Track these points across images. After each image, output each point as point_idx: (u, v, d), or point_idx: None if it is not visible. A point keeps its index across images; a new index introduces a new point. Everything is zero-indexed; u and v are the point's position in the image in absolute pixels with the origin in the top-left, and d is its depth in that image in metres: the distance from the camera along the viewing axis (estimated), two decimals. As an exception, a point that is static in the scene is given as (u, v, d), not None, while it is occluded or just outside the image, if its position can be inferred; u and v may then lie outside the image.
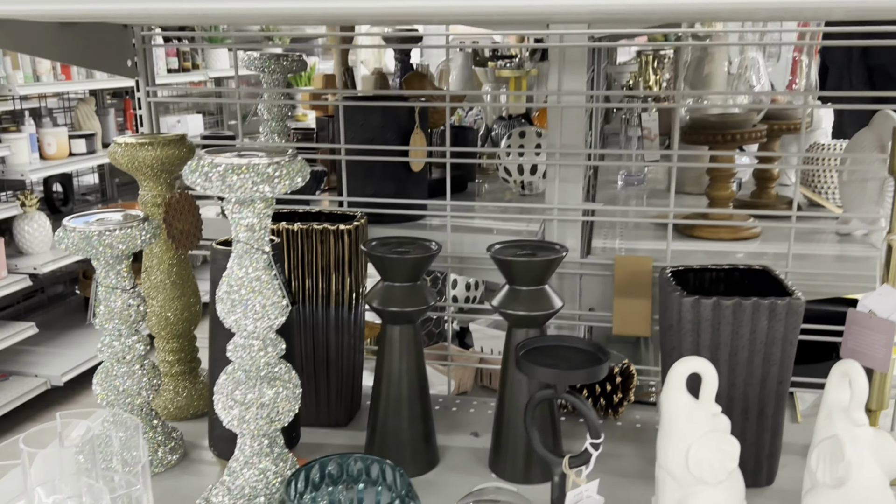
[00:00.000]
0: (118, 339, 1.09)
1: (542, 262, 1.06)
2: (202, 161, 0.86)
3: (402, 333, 1.11)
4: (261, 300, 0.91)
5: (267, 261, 0.92)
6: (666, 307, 1.08)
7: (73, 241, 1.03)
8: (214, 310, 1.10)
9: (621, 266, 1.28)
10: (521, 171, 1.65)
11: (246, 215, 0.89)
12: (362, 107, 1.40)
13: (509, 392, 1.11)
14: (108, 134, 4.05)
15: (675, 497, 0.94)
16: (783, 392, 1.06)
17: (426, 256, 1.08)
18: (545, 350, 0.93)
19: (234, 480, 0.96)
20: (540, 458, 1.11)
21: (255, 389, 0.93)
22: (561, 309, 1.08)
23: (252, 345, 0.93)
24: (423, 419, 1.14)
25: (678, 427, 0.93)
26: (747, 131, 1.40)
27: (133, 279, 1.10)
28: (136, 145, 1.21)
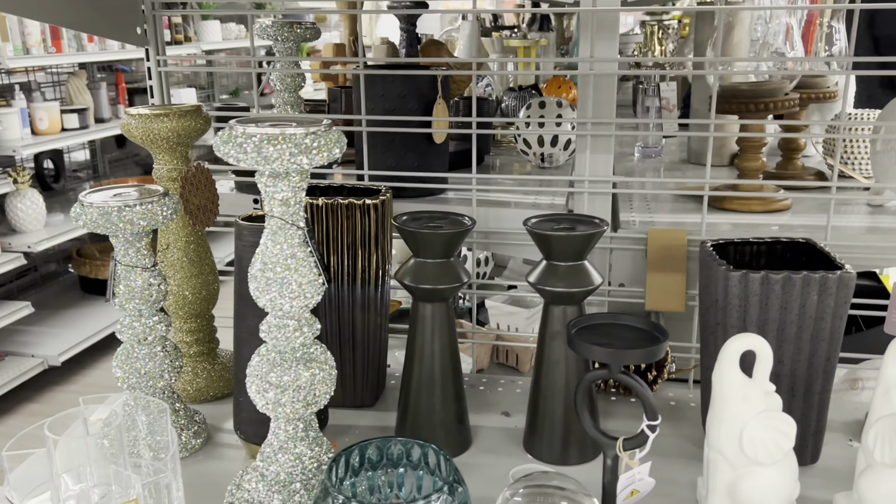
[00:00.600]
0: (138, 320, 1.05)
1: (582, 237, 1.01)
2: (235, 131, 0.81)
3: (435, 311, 1.07)
4: (297, 278, 0.86)
5: (302, 237, 0.87)
6: (709, 282, 1.04)
7: (91, 218, 0.98)
8: (240, 288, 1.06)
9: (655, 240, 1.24)
10: (542, 142, 1.60)
11: (280, 189, 0.85)
12: (383, 76, 1.34)
13: (546, 372, 1.08)
14: (100, 109, 3.96)
15: (727, 478, 0.91)
16: (831, 368, 1.03)
17: (461, 231, 1.04)
18: (597, 328, 0.89)
19: (268, 466, 0.92)
20: (577, 439, 1.08)
21: (290, 371, 0.88)
22: (600, 286, 1.04)
23: (287, 325, 0.89)
24: (456, 399, 1.10)
25: (732, 406, 0.89)
26: (780, 100, 1.36)
27: (153, 257, 1.05)
28: (151, 116, 1.15)
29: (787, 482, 0.90)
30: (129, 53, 4.08)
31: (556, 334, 1.06)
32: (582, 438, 1.08)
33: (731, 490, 0.91)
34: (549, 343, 1.07)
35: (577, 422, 1.07)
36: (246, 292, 1.04)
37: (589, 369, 1.08)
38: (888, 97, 1.42)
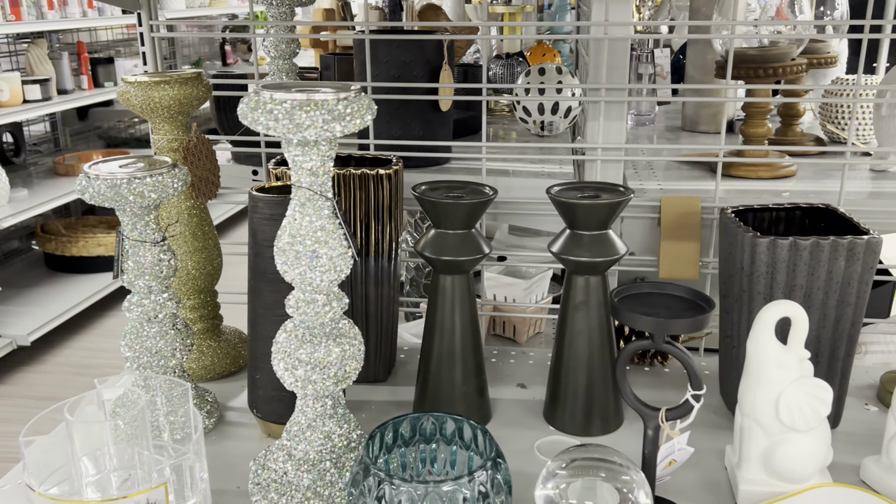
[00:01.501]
0: (148, 297, 1.00)
1: (608, 205, 0.99)
2: (262, 97, 0.77)
3: (456, 283, 1.05)
4: (327, 251, 0.83)
5: (331, 208, 0.84)
6: (733, 249, 1.03)
7: (98, 190, 0.93)
8: (255, 262, 1.02)
9: (668, 207, 1.23)
10: (542, 110, 1.57)
11: (310, 158, 0.81)
12: (386, 41, 1.30)
13: (569, 343, 1.06)
14: (62, 80, 3.83)
15: (762, 446, 0.91)
16: (855, 333, 1.03)
17: (483, 202, 1.01)
18: (640, 298, 0.87)
19: (296, 445, 0.90)
20: (600, 411, 1.07)
21: (321, 348, 0.85)
22: (625, 255, 1.02)
23: (316, 300, 0.85)
24: (477, 372, 1.08)
25: (768, 374, 0.89)
26: (788, 65, 1.34)
27: (162, 231, 1.01)
28: (151, 84, 1.10)
29: (821, 448, 0.90)
30: (91, 21, 3.94)
31: (580, 305, 1.04)
32: (605, 409, 1.07)
33: (766, 457, 0.90)
34: (571, 314, 1.05)
35: (600, 393, 1.06)
36: (262, 266, 1.00)
37: (612, 339, 1.07)
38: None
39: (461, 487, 0.76)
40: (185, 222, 1.18)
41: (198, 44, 6.35)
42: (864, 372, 1.25)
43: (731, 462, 0.97)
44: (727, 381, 1.11)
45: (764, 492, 0.90)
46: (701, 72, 1.76)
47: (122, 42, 5.34)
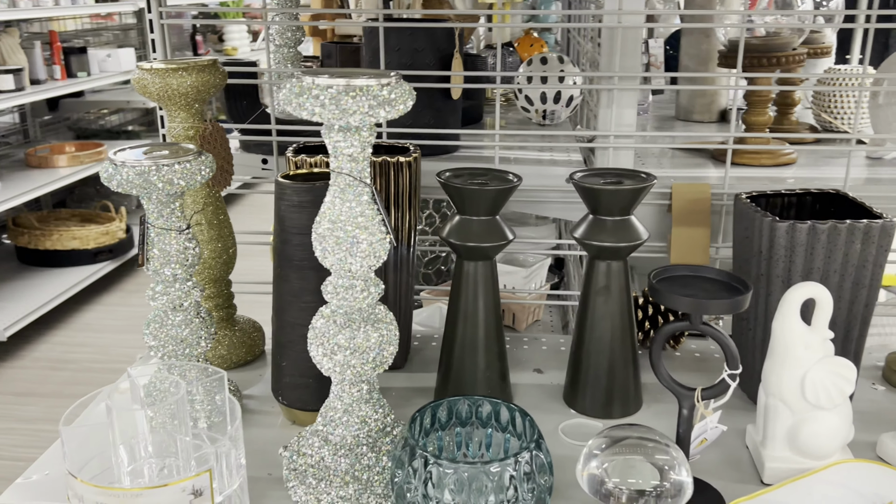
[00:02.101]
0: (173, 285, 1.00)
1: (631, 191, 1.01)
2: (306, 83, 0.77)
3: (479, 270, 1.06)
4: (367, 237, 0.83)
5: (370, 194, 0.84)
6: (750, 233, 1.05)
7: (126, 178, 0.92)
8: (283, 249, 1.02)
9: (679, 194, 1.25)
10: (544, 99, 1.59)
11: (351, 143, 0.81)
12: (398, 28, 1.30)
13: (590, 327, 1.08)
14: (35, 70, 3.75)
15: (788, 424, 0.93)
16: (868, 315, 1.06)
17: (508, 188, 1.02)
18: (676, 280, 0.89)
19: (333, 430, 0.90)
20: (620, 394, 1.08)
21: (360, 333, 0.86)
22: (647, 240, 1.04)
23: (355, 285, 0.86)
24: (499, 357, 1.10)
25: (794, 354, 0.91)
26: (789, 54, 1.37)
27: (187, 219, 1.00)
28: (169, 71, 1.09)
29: (844, 426, 0.92)
30: (62, 10, 3.87)
31: (602, 290, 1.06)
32: (625, 392, 1.09)
33: (791, 435, 0.93)
34: (593, 298, 1.07)
35: (621, 376, 1.08)
36: (289, 254, 1.01)
37: (633, 324, 1.09)
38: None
39: (507, 468, 0.77)
40: (200, 211, 1.17)
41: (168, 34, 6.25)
42: (866, 353, 1.29)
43: (753, 441, 0.99)
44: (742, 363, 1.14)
45: (789, 468, 0.93)
46: (696, 62, 1.79)
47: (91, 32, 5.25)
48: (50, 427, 2.93)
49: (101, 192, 4.80)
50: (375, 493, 0.88)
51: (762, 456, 0.95)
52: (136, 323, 3.80)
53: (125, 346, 3.58)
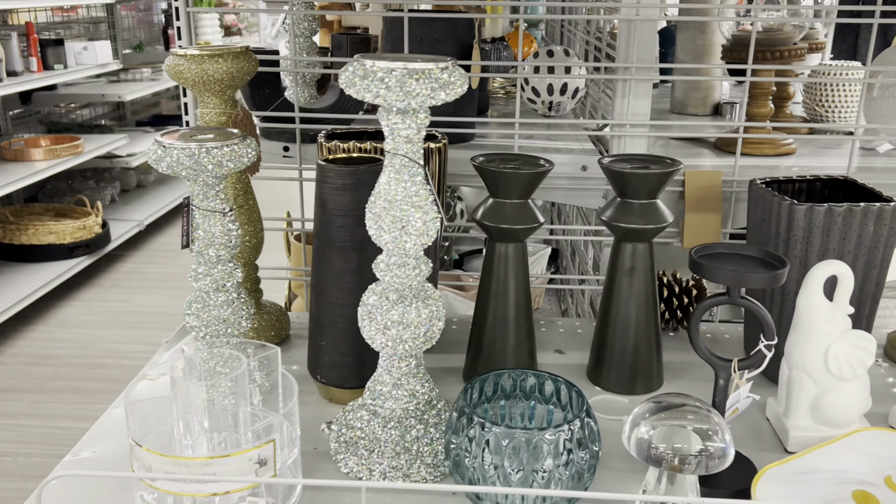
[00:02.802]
0: (216, 266, 1.02)
1: (659, 175, 1.06)
2: (368, 66, 0.80)
3: (510, 251, 1.10)
4: (421, 216, 0.86)
5: (424, 175, 0.87)
6: (767, 217, 1.11)
7: (176, 159, 0.94)
8: (324, 231, 1.05)
9: (692, 181, 1.30)
10: (551, 91, 1.63)
11: (408, 125, 0.84)
12: (419, 19, 1.33)
13: (616, 307, 1.12)
14: (11, 61, 3.70)
15: (811, 395, 0.98)
16: (878, 294, 1.12)
17: (541, 172, 1.06)
18: (716, 257, 0.93)
19: (382, 403, 0.93)
20: (644, 371, 1.13)
21: (412, 309, 0.89)
22: (671, 224, 1.09)
23: (407, 263, 0.89)
24: (528, 337, 1.14)
25: (818, 328, 0.96)
26: (789, 48, 1.43)
27: (230, 202, 1.02)
28: (206, 57, 1.11)
29: (864, 396, 0.98)
30: (38, 1, 3.82)
31: (629, 271, 1.10)
32: (648, 370, 1.13)
33: (814, 406, 0.98)
34: (620, 279, 1.11)
35: (645, 354, 1.13)
36: (332, 235, 1.03)
37: (656, 304, 1.13)
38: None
39: (562, 434, 0.81)
40: (230, 196, 1.19)
41: (136, 27, 6.20)
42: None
43: (775, 412, 1.04)
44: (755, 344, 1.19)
45: (812, 437, 0.98)
46: (691, 56, 1.85)
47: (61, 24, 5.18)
48: (34, 422, 2.91)
49: (74, 186, 4.75)
50: (426, 462, 0.91)
51: (786, 426, 1.00)
52: (115, 318, 3.77)
53: (105, 341, 3.55)
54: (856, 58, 3.13)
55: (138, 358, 3.38)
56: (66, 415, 2.98)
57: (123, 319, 3.79)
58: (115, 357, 3.42)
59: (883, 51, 1.50)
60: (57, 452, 2.73)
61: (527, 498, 0.81)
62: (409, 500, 0.89)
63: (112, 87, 4.79)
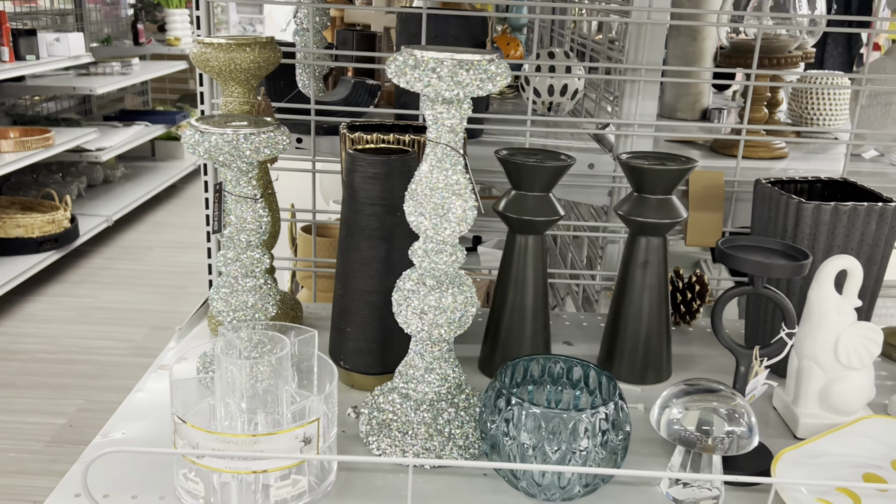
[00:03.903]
0: (245, 252, 1.03)
1: (676, 171, 1.10)
2: (421, 56, 0.83)
3: (530, 243, 1.13)
4: (461, 204, 0.89)
5: (464, 163, 0.90)
6: (774, 215, 1.16)
7: (214, 144, 0.95)
8: (353, 219, 1.06)
9: (696, 180, 1.35)
10: (551, 91, 1.67)
11: (452, 115, 0.87)
12: (435, 16, 1.36)
13: (629, 299, 1.16)
14: (-18, 51, 3.63)
15: (820, 384, 1.03)
16: (877, 290, 1.17)
17: (563, 166, 1.09)
18: (740, 249, 0.98)
19: (415, 386, 0.95)
20: (654, 362, 1.17)
21: (448, 294, 0.92)
22: (686, 219, 1.13)
23: (444, 249, 0.91)
24: (545, 327, 1.17)
25: (828, 319, 1.01)
26: (785, 56, 1.49)
27: (261, 188, 1.04)
28: (234, 46, 1.12)
29: (870, 385, 1.03)
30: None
31: (643, 264, 1.14)
32: (658, 361, 1.17)
33: (822, 394, 1.03)
34: (633, 272, 1.15)
35: (655, 345, 1.17)
36: (361, 224, 1.05)
37: (668, 297, 1.17)
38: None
39: (598, 416, 0.84)
40: (252, 184, 1.21)
41: (103, 21, 6.11)
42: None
43: (783, 401, 1.09)
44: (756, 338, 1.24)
45: (820, 423, 1.03)
46: (682, 63, 1.90)
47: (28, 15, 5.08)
48: (4, 417, 2.86)
49: (40, 180, 4.67)
50: (457, 444, 0.94)
51: (795, 413, 1.05)
52: (84, 314, 3.72)
53: (75, 336, 3.50)
54: (822, 68, 3.24)
55: (110, 354, 3.34)
56: (37, 410, 2.93)
57: (93, 315, 3.74)
58: (86, 353, 3.37)
59: (871, 61, 1.57)
60: (29, 448, 2.69)
61: (562, 478, 0.84)
62: (442, 481, 0.92)
63: (83, 80, 4.72)
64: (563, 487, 0.85)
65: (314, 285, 1.48)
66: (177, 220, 5.23)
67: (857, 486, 0.87)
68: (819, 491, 0.88)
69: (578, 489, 0.85)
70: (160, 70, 5.59)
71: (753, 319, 1.25)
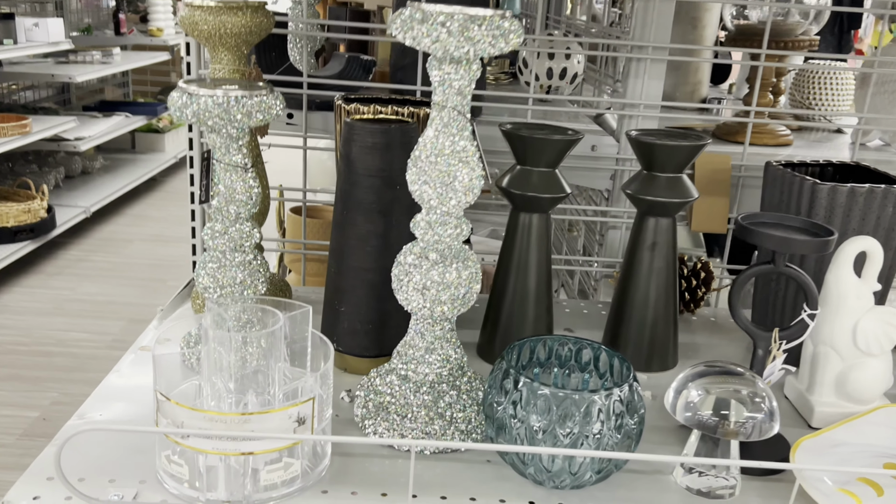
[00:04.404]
0: (234, 225, 0.97)
1: (689, 148, 1.05)
2: (430, 10, 0.77)
3: (535, 222, 1.07)
4: (468, 172, 0.84)
5: (471, 129, 0.85)
6: (787, 197, 1.11)
7: (204, 107, 0.89)
8: (350, 191, 1.01)
9: (702, 164, 1.30)
10: (550, 75, 1.62)
11: (461, 76, 0.81)
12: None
13: (636, 284, 1.11)
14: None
15: (837, 371, 0.99)
16: (892, 276, 1.13)
17: (572, 140, 1.04)
18: (762, 226, 0.93)
19: (415, 367, 0.90)
20: (660, 349, 1.12)
21: (452, 269, 0.86)
22: (696, 199, 1.08)
23: (448, 222, 0.86)
24: (548, 311, 1.11)
25: (847, 304, 0.97)
26: (794, 39, 1.45)
27: (252, 158, 0.98)
28: (223, 9, 1.06)
29: (888, 373, 0.99)
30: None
31: (651, 246, 1.09)
32: (664, 347, 1.12)
33: (839, 381, 0.99)
34: (640, 254, 1.10)
35: (662, 331, 1.12)
36: (359, 197, 1.00)
37: (676, 281, 1.12)
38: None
39: (613, 398, 0.79)
40: (241, 157, 1.14)
41: (83, 10, 6.00)
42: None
43: (795, 389, 1.04)
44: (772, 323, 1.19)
45: (836, 412, 0.99)
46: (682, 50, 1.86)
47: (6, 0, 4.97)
48: (-23, 409, 2.77)
49: (16, 169, 4.56)
50: (459, 429, 0.88)
51: (810, 402, 1.00)
52: (60, 306, 3.62)
53: (50, 328, 3.41)
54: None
55: (86, 347, 3.25)
56: (9, 403, 2.84)
57: (69, 308, 3.64)
58: (61, 345, 3.28)
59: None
60: (3, 441, 2.60)
61: (574, 463, 0.79)
62: (443, 468, 0.86)
63: (61, 67, 4.62)
64: (575, 473, 0.79)
65: (303, 269, 1.42)
66: (157, 213, 5.13)
67: (882, 475, 0.82)
68: (841, 481, 0.83)
69: (590, 475, 0.80)
70: (142, 60, 5.49)
71: (761, 308, 1.20)
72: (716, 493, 0.84)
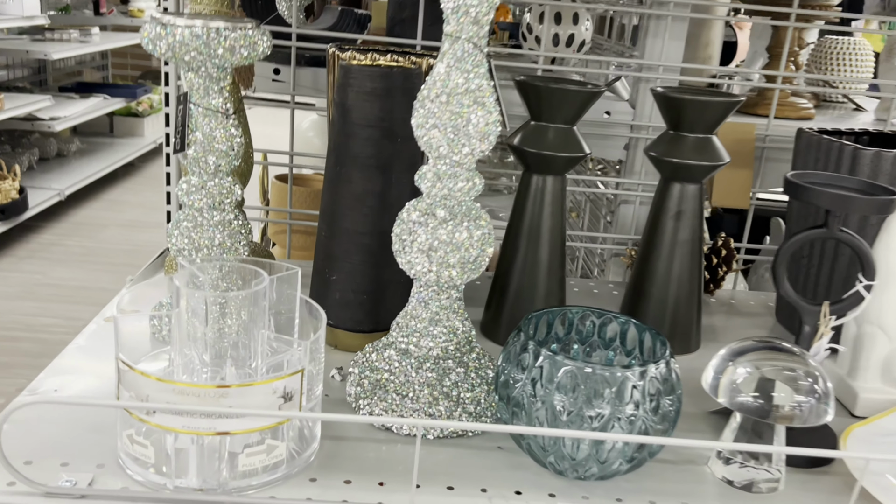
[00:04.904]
0: (213, 179, 0.86)
1: (723, 104, 0.94)
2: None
3: (549, 185, 0.97)
4: (483, 115, 0.73)
5: (488, 66, 0.74)
6: (824, 165, 1.01)
7: (181, 40, 0.78)
8: (345, 146, 0.90)
9: (725, 133, 1.20)
10: (556, 41, 1.51)
11: (479, 1, 0.70)
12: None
13: (658, 256, 1.01)
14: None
15: (885, 352, 0.89)
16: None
17: (596, 92, 0.93)
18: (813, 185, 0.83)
19: (417, 341, 0.79)
20: (683, 329, 1.02)
21: (462, 228, 0.75)
22: (727, 163, 0.98)
23: (458, 174, 0.75)
24: (560, 285, 1.01)
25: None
26: (821, 3, 1.36)
27: (234, 102, 0.86)
28: (205, -59, 0.95)
29: (940, 355, 0.89)
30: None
31: (675, 215, 0.99)
32: (687, 328, 1.02)
33: (887, 364, 0.89)
34: (664, 224, 1.00)
35: (685, 310, 1.02)
36: (355, 151, 0.89)
37: (701, 255, 1.02)
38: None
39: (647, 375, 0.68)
40: (222, 110, 1.03)
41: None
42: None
43: (835, 374, 0.94)
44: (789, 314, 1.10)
45: (883, 399, 0.89)
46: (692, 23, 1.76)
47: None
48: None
49: (-12, 150, 4.40)
50: (468, 411, 0.77)
51: (853, 388, 0.90)
52: (30, 290, 3.48)
53: (19, 313, 3.26)
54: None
55: (56, 332, 3.11)
56: (-25, 389, 2.70)
57: (39, 292, 3.50)
58: (30, 330, 3.14)
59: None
60: (-37, 429, 2.46)
61: (602, 449, 0.68)
62: (448, 454, 0.75)
63: (37, 45, 4.45)
64: (603, 462, 0.69)
65: (289, 241, 1.30)
66: (134, 198, 4.98)
67: (950, 469, 0.73)
68: (900, 474, 0.74)
69: (620, 464, 0.69)
70: (121, 41, 5.32)
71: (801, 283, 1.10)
72: (757, 487, 0.74)
